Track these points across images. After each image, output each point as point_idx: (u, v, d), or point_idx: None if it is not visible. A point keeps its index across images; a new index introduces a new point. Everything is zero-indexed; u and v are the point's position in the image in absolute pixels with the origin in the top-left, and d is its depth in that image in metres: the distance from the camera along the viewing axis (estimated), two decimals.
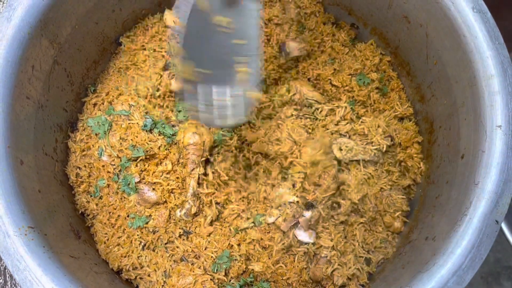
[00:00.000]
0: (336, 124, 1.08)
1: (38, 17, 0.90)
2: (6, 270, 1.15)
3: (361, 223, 1.07)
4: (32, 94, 0.93)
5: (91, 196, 1.07)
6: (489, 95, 0.84)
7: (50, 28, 0.94)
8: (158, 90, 1.12)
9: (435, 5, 0.91)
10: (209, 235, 1.04)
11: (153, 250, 1.04)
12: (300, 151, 1.01)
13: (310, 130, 1.04)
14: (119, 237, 1.05)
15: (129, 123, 1.07)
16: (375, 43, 1.18)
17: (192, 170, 1.03)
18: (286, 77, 1.14)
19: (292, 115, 1.06)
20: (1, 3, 1.27)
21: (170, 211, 1.05)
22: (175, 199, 1.04)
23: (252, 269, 1.01)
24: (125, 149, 1.05)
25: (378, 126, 1.08)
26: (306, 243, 1.01)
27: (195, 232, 1.04)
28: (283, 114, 1.06)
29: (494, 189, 0.80)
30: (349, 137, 1.08)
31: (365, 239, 1.07)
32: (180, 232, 1.04)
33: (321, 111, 1.09)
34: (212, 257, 1.01)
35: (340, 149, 1.03)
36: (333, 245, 1.01)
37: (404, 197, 1.08)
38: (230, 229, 1.04)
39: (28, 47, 0.90)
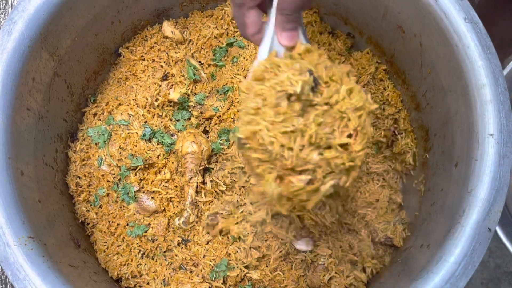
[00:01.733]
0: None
1: (38, 30, 0.92)
2: (7, 279, 1.17)
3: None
4: (32, 105, 0.95)
5: (91, 205, 1.08)
6: (481, 104, 0.85)
7: (50, 41, 0.96)
8: (157, 99, 1.13)
9: (428, 15, 0.92)
10: (207, 243, 1.05)
11: (152, 258, 1.05)
12: None
13: None
14: (118, 246, 1.05)
15: (128, 133, 1.08)
16: (371, 52, 1.19)
17: (191, 178, 1.04)
18: None
19: None
20: (2, 16, 1.29)
21: (169, 219, 1.05)
22: (174, 207, 1.05)
23: (250, 277, 1.02)
24: (125, 158, 1.06)
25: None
26: (303, 251, 1.02)
27: (194, 240, 1.05)
28: None
29: (486, 197, 0.81)
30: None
31: None
32: (178, 240, 1.05)
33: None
34: (210, 265, 1.02)
35: None
36: (330, 253, 1.01)
37: None
38: (228, 237, 1.04)
39: (29, 60, 0.91)
